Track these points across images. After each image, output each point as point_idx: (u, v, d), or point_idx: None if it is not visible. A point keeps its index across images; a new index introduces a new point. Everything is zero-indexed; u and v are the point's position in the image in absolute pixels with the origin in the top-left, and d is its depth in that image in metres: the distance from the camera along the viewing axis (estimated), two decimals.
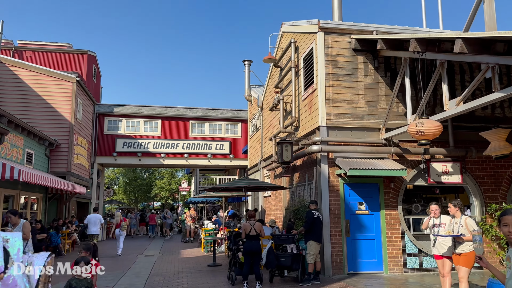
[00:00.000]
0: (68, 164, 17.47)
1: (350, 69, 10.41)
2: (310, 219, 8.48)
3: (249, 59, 19.40)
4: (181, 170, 47.91)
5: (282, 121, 12.20)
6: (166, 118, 23.78)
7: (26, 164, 14.53)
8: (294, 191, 12.10)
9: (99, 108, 23.17)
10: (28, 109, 17.18)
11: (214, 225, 16.98)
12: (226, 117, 24.49)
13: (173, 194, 48.75)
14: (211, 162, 24.01)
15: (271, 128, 15.19)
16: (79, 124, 18.87)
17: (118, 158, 22.74)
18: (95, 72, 24.89)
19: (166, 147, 23.38)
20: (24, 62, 17.79)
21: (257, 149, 18.03)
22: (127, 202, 51.77)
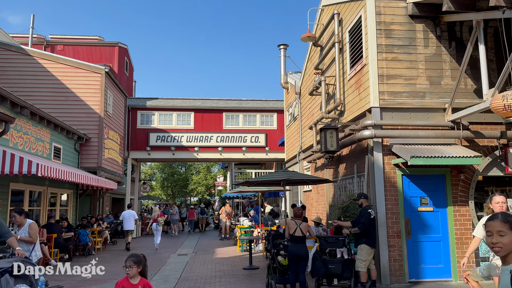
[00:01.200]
0: (99, 159, 16.81)
1: (407, 39, 8.78)
2: (368, 219, 7.03)
3: (284, 43, 17.98)
4: (217, 165, 47.24)
5: (324, 105, 10.73)
6: (199, 111, 22.80)
7: (53, 159, 13.90)
8: (340, 184, 10.62)
9: (131, 102, 22.53)
10: (56, 102, 16.63)
11: (250, 222, 15.78)
12: (261, 108, 23.18)
13: (209, 189, 48.22)
14: (246, 155, 22.82)
15: (310, 115, 13.72)
16: (110, 117, 18.20)
17: (151, 152, 22.01)
18: (127, 65, 24.32)
19: (199, 141, 22.42)
20: (52, 54, 17.27)
21: (295, 140, 16.62)
22: (165, 198, 51.88)
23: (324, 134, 9.12)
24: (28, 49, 16.83)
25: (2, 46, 16.64)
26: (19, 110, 11.16)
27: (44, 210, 13.33)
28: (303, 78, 15.14)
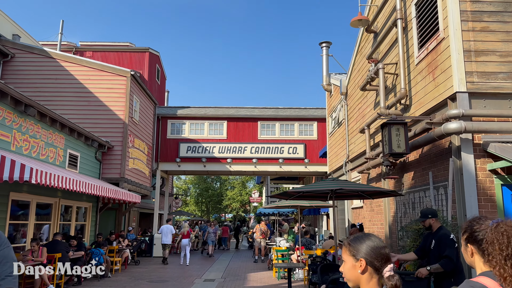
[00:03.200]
0: (122, 169, 15.30)
1: (501, 4, 6.54)
2: (453, 250, 4.70)
3: (327, 41, 15.97)
4: (252, 180, 45.33)
5: (382, 99, 8.54)
6: (232, 119, 21.07)
7: (68, 167, 12.45)
8: (405, 199, 8.32)
9: (161, 111, 21.16)
10: (78, 107, 15.39)
11: (288, 244, 13.58)
12: (299, 116, 21.12)
13: (244, 206, 46.25)
14: (283, 168, 20.72)
15: (361, 117, 11.53)
16: (136, 124, 16.77)
17: (181, 164, 20.41)
18: (158, 73, 23.14)
19: (232, 151, 20.61)
20: (75, 57, 16.16)
21: (340, 149, 14.40)
22: (199, 214, 50.40)
23: (387, 132, 6.92)
24: (51, 52, 15.80)
25: (25, 49, 15.70)
26: (23, 109, 9.74)
27: (55, 225, 11.82)
28: (350, 75, 13.00)
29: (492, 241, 1.55)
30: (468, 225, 1.74)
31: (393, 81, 9.08)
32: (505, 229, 1.54)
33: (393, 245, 8.91)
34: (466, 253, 1.74)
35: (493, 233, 1.56)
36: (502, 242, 1.51)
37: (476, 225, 1.70)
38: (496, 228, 1.56)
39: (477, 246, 1.67)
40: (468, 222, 1.77)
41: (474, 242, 1.69)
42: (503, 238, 1.52)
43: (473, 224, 1.73)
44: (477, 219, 1.75)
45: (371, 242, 1.71)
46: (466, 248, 1.73)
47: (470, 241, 1.70)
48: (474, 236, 1.69)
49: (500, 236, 1.53)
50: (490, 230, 1.58)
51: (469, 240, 1.71)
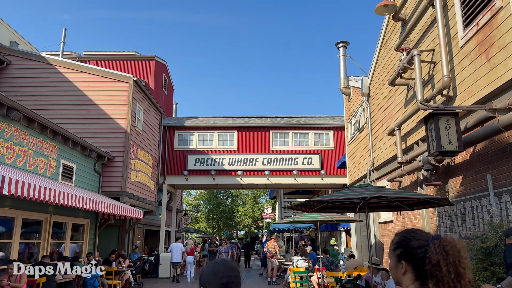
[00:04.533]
0: (123, 182, 14.09)
1: None
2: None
3: (344, 41, 14.72)
4: (264, 195, 43.80)
5: (419, 91, 7.17)
6: (243, 129, 19.82)
7: (61, 180, 11.27)
8: (450, 209, 6.87)
9: (168, 122, 20.06)
10: (77, 115, 14.34)
11: (307, 264, 12.11)
12: (314, 125, 19.78)
13: (257, 222, 44.62)
14: (298, 180, 19.29)
15: (388, 118, 10.16)
16: (139, 134, 15.62)
17: (189, 177, 19.15)
18: (165, 83, 22.13)
19: (243, 163, 19.30)
20: (74, 63, 15.19)
21: (362, 157, 12.98)
22: (210, 231, 48.87)
23: (434, 126, 5.55)
24: (49, 58, 14.86)
25: (22, 55, 14.80)
26: (5, 112, 8.62)
27: (45, 244, 10.57)
28: (373, 73, 11.69)
29: (437, 262, 1.39)
30: (402, 240, 1.54)
31: (429, 72, 7.73)
32: (450, 247, 1.41)
33: None
34: (396, 269, 1.55)
35: (438, 253, 1.40)
36: (449, 263, 1.38)
37: (413, 241, 1.51)
38: (440, 246, 1.41)
39: (413, 264, 1.48)
40: (402, 236, 1.56)
41: (410, 260, 1.49)
42: (449, 258, 1.39)
43: (408, 238, 1.53)
44: (412, 232, 1.55)
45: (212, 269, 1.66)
46: (398, 264, 1.54)
47: (406, 258, 1.51)
48: (411, 253, 1.49)
49: (446, 256, 1.39)
50: (434, 249, 1.42)
51: (404, 256, 1.52)
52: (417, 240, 1.50)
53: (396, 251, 1.54)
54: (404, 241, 1.54)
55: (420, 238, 1.51)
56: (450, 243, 1.42)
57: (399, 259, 1.52)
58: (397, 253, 1.54)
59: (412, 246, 1.50)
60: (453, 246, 1.42)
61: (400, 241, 1.55)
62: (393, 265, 1.56)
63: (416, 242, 1.50)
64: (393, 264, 1.56)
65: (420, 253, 1.47)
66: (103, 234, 16.38)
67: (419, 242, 1.49)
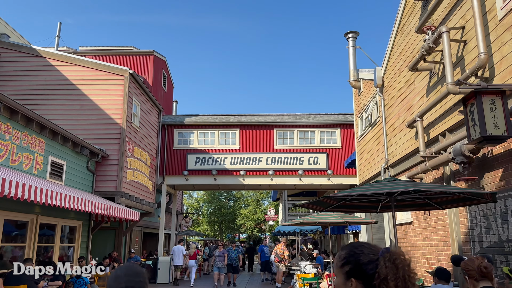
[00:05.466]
0: (118, 181, 13.20)
1: None
2: None
3: (354, 31, 13.86)
4: (267, 198, 42.86)
5: (449, 73, 6.26)
6: (245, 127, 18.94)
7: (50, 178, 10.40)
8: (487, 208, 5.95)
9: (167, 119, 19.20)
10: (69, 110, 13.50)
11: (316, 269, 11.18)
12: (320, 122, 18.88)
13: (259, 225, 43.65)
14: (303, 180, 18.38)
15: (406, 109, 9.26)
16: (136, 131, 14.75)
17: (189, 177, 18.26)
18: (165, 79, 21.30)
19: (246, 163, 18.41)
20: (67, 55, 14.34)
21: (374, 154, 12.07)
22: (212, 234, 47.93)
23: (477, 107, 4.65)
24: (41, 50, 14.02)
25: (12, 48, 13.98)
26: None
27: (31, 248, 9.68)
28: (388, 63, 10.79)
29: (385, 277, 1.29)
30: (351, 255, 1.42)
31: (457, 53, 6.83)
32: (400, 261, 1.31)
33: None
34: (344, 287, 1.40)
35: (387, 268, 1.30)
36: (398, 278, 1.27)
37: (362, 256, 1.39)
38: (390, 260, 1.32)
39: (363, 281, 1.35)
40: (350, 251, 1.43)
41: (360, 277, 1.36)
42: (399, 273, 1.29)
43: (357, 253, 1.41)
44: (360, 246, 1.44)
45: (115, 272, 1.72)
46: (347, 282, 1.39)
47: (355, 275, 1.37)
48: (361, 269, 1.37)
49: (395, 270, 1.29)
50: (383, 263, 1.32)
51: (353, 273, 1.38)
52: (366, 255, 1.39)
53: (345, 268, 1.41)
54: (352, 256, 1.41)
55: (369, 252, 1.40)
56: (400, 257, 1.33)
57: (348, 277, 1.39)
58: (345, 270, 1.41)
59: (362, 262, 1.38)
60: (403, 260, 1.33)
61: (348, 257, 1.42)
62: (340, 283, 1.43)
63: (366, 257, 1.38)
64: (341, 282, 1.42)
65: (371, 269, 1.35)
66: (98, 237, 15.48)
67: (369, 257, 1.38)
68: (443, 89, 7.33)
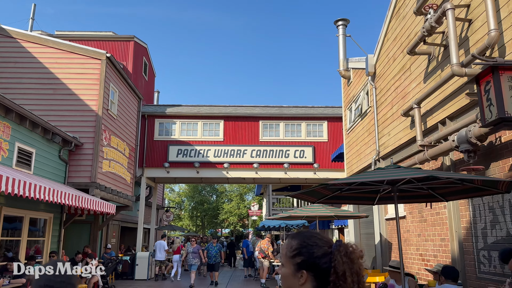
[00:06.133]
0: (93, 172, 12.39)
1: None
2: None
3: (344, 18, 13.33)
4: (251, 192, 42.31)
5: (454, 53, 5.73)
6: (230, 118, 18.26)
7: (16, 166, 9.55)
8: (493, 200, 5.48)
9: (148, 109, 18.38)
10: (42, 95, 12.60)
11: None
12: (307, 115, 18.37)
13: (243, 220, 43.09)
14: (288, 174, 17.86)
15: (401, 97, 8.75)
16: (113, 119, 13.93)
17: (171, 170, 17.50)
18: (146, 67, 20.41)
19: (230, 155, 17.76)
20: (39, 36, 13.41)
21: (364, 146, 11.58)
22: (194, 229, 47.14)
23: (494, 84, 4.12)
24: (10, 30, 13.03)
25: None
26: None
27: None
28: (381, 50, 10.28)
29: (343, 273, 1.25)
30: (303, 246, 1.35)
31: (461, 34, 6.32)
32: (354, 256, 1.29)
33: (469, 271, 6.00)
34: (293, 279, 1.33)
35: (344, 263, 1.27)
36: (354, 273, 1.26)
37: (316, 248, 1.33)
38: (346, 255, 1.28)
39: (315, 274, 1.30)
40: (302, 242, 1.36)
41: (312, 270, 1.31)
42: (354, 267, 1.27)
43: (310, 245, 1.34)
44: (312, 237, 1.37)
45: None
46: (297, 273, 1.32)
47: (307, 268, 1.31)
48: (315, 262, 1.31)
49: (352, 265, 1.27)
50: (340, 257, 1.27)
51: (305, 266, 1.32)
52: (320, 248, 1.33)
53: (296, 259, 1.34)
54: (305, 247, 1.34)
55: (323, 244, 1.34)
56: (354, 251, 1.30)
57: (299, 268, 1.32)
58: (296, 261, 1.33)
59: (316, 254, 1.32)
60: (356, 253, 1.30)
61: (300, 248, 1.35)
62: (289, 273, 1.34)
63: (320, 250, 1.32)
64: (290, 272, 1.34)
65: (324, 263, 1.30)
66: (72, 231, 14.66)
67: (323, 250, 1.32)
68: (443, 73, 6.83)
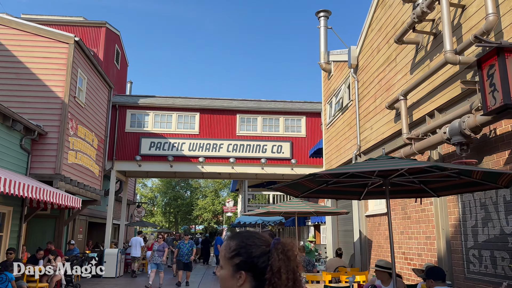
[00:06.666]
0: (58, 163, 11.56)
1: None
2: None
3: (326, 9, 12.97)
4: (226, 189, 41.73)
5: (448, 40, 5.38)
6: (206, 111, 17.65)
7: None
8: (486, 197, 5.18)
9: (119, 99, 17.52)
10: (3, 81, 11.65)
11: None
12: (285, 109, 17.99)
13: (217, 216, 42.49)
14: (265, 169, 17.44)
15: (385, 90, 8.43)
16: (81, 108, 13.09)
17: (143, 163, 16.75)
18: (118, 56, 19.51)
19: (205, 149, 17.16)
20: (1, 16, 12.41)
21: (344, 140, 11.25)
22: (166, 225, 46.18)
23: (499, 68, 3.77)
24: None
25: None
26: None
27: None
28: (364, 41, 9.93)
29: (278, 270, 1.24)
30: (242, 246, 1.32)
31: (454, 19, 5.99)
32: (291, 253, 1.28)
33: (457, 271, 5.70)
34: (231, 280, 1.30)
35: (280, 260, 1.25)
36: (289, 270, 1.24)
37: (254, 248, 1.31)
38: (283, 252, 1.27)
39: (253, 274, 1.28)
40: (241, 242, 1.34)
41: (251, 270, 1.28)
42: (290, 264, 1.25)
43: (249, 245, 1.32)
44: (251, 237, 1.35)
45: None
46: (236, 275, 1.29)
47: (246, 268, 1.29)
48: (253, 262, 1.29)
49: (288, 262, 1.25)
50: (276, 255, 1.26)
51: (244, 266, 1.29)
52: (258, 247, 1.31)
53: (234, 260, 1.31)
54: (244, 248, 1.32)
55: (261, 244, 1.32)
56: (291, 248, 1.29)
57: (238, 269, 1.30)
58: (235, 262, 1.31)
59: (254, 254, 1.30)
60: (293, 250, 1.29)
61: (239, 249, 1.33)
62: (227, 275, 1.32)
63: (258, 250, 1.31)
64: (228, 274, 1.31)
65: (263, 262, 1.29)
66: (35, 226, 13.78)
67: (262, 249, 1.31)
68: (432, 63, 6.52)
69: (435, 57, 6.43)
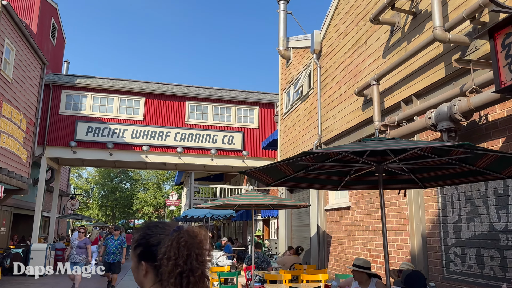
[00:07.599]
0: None
1: None
2: None
3: None
4: (170, 181, 40.11)
5: (438, 15, 4.87)
6: (152, 96, 16.37)
7: None
8: (472, 189, 4.74)
9: (54, 78, 15.70)
10: None
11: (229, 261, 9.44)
12: (238, 99, 17.20)
13: (159, 210, 40.73)
14: (215, 160, 16.54)
15: (352, 75, 7.89)
16: (7, 83, 11.34)
17: (78, 150, 15.14)
18: (54, 30, 17.54)
19: (150, 137, 15.90)
20: None
21: (303, 131, 10.68)
22: (103, 219, 43.53)
23: None
24: None
25: None
26: None
27: None
28: (329, 25, 9.36)
29: (169, 256, 1.18)
30: (143, 237, 1.29)
31: None
32: (187, 240, 1.21)
33: (434, 271, 5.25)
34: (137, 271, 1.28)
35: (168, 246, 1.19)
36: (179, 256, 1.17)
37: (153, 237, 1.27)
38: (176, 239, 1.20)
39: (153, 264, 1.23)
40: (143, 233, 1.30)
41: (150, 259, 1.24)
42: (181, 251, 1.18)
43: (149, 235, 1.29)
44: (153, 227, 1.31)
45: None
46: (139, 266, 1.27)
47: (146, 258, 1.25)
48: (150, 251, 1.25)
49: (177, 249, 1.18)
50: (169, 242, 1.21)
51: (144, 256, 1.26)
52: (157, 236, 1.28)
53: (136, 251, 1.29)
54: (144, 238, 1.30)
55: (161, 232, 1.29)
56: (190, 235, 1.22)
57: (140, 260, 1.27)
58: (137, 252, 1.28)
59: (151, 243, 1.27)
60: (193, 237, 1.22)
61: (140, 239, 1.30)
62: (134, 266, 1.30)
63: (156, 238, 1.27)
64: (134, 265, 1.30)
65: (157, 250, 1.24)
66: None
67: (159, 238, 1.27)
68: (410, 46, 6.04)
69: (414, 38, 5.94)
